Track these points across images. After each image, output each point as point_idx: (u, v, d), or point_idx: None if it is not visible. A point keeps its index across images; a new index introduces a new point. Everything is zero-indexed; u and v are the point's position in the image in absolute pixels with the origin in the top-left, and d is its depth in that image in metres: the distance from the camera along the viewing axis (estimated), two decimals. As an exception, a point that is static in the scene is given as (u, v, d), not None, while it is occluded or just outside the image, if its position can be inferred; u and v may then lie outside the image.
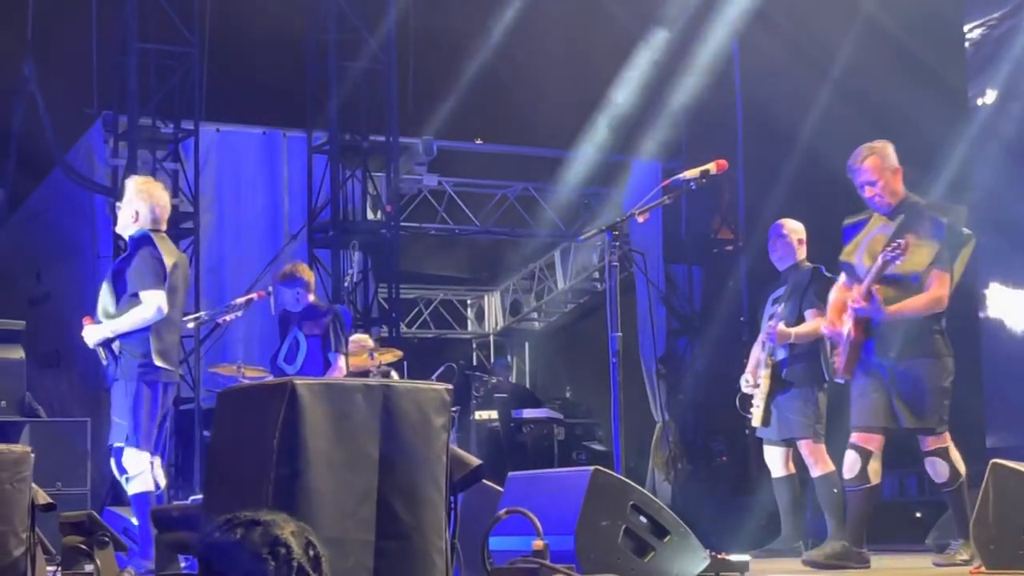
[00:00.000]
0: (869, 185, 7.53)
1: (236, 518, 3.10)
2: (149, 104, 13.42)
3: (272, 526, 3.08)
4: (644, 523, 6.26)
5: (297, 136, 14.77)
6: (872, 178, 7.50)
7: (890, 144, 7.65)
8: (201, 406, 12.91)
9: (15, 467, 5.54)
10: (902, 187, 7.56)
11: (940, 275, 7.32)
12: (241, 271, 14.16)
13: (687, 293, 16.20)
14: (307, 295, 10.29)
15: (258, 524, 3.08)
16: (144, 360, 7.88)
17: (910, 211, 7.48)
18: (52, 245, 14.92)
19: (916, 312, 7.32)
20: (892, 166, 7.53)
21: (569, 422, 15.46)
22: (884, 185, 7.50)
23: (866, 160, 7.52)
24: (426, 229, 16.45)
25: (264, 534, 3.06)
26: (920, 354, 7.35)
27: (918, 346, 7.35)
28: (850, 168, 7.60)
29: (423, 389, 4.93)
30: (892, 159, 7.56)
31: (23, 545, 5.48)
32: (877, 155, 7.53)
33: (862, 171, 7.54)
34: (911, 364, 7.34)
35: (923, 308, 7.31)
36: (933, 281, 7.32)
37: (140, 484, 7.84)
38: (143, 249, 8.00)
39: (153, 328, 7.89)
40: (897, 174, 7.54)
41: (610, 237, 7.37)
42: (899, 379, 7.35)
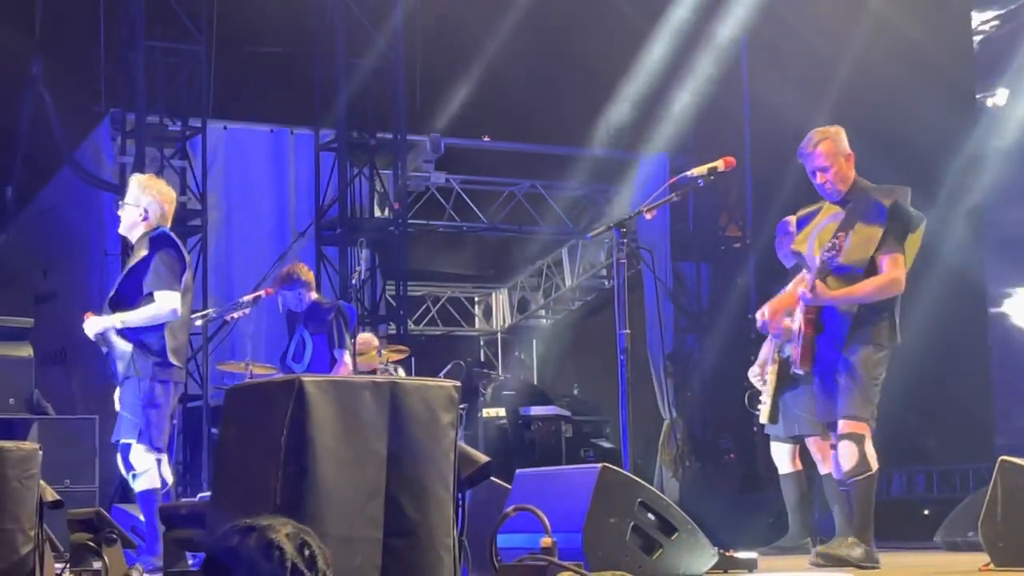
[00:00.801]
0: (821, 171, 7.25)
1: (235, 526, 3.13)
2: (157, 102, 13.44)
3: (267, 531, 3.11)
4: (652, 520, 6.25)
5: (304, 134, 14.79)
6: (824, 164, 7.22)
7: (842, 129, 7.37)
8: (209, 403, 12.93)
9: (23, 464, 5.55)
10: (853, 173, 7.29)
11: (890, 258, 7.06)
12: (249, 268, 14.18)
13: (695, 290, 16.20)
14: (309, 294, 10.30)
15: (253, 530, 3.10)
16: (159, 359, 7.84)
17: (857, 198, 7.22)
18: (59, 243, 14.94)
19: (867, 296, 7.06)
20: (845, 151, 7.26)
21: (577, 419, 15.46)
22: (836, 172, 7.22)
23: (819, 145, 7.24)
24: (434, 226, 16.44)
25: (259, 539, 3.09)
26: (860, 341, 7.08)
27: (861, 332, 7.08)
28: (801, 153, 7.32)
29: (431, 386, 4.93)
30: (845, 144, 7.28)
31: (31, 542, 5.50)
32: (830, 140, 7.25)
33: (814, 156, 7.26)
34: (852, 352, 7.07)
35: (874, 291, 7.05)
36: (884, 265, 7.06)
37: (147, 481, 7.80)
38: (164, 250, 7.92)
39: (168, 327, 7.86)
40: (850, 160, 7.27)
41: (618, 234, 7.35)
42: (843, 368, 7.09)
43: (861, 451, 7.01)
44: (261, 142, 14.76)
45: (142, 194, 8.07)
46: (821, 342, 7.18)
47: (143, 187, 8.13)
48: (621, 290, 7.26)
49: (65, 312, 14.67)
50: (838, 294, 7.09)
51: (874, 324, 7.10)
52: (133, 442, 7.81)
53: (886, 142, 12.06)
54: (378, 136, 14.56)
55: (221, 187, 14.27)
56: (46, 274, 15.53)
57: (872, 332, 7.10)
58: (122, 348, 7.90)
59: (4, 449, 5.52)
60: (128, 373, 7.86)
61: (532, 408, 15.33)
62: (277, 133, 14.82)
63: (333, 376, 7.90)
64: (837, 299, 7.10)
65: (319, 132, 14.66)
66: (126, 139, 13.47)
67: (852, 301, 7.09)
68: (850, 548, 7.05)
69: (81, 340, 8.44)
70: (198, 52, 13.58)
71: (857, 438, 7.03)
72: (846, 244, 7.09)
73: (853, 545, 7.05)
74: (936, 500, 12.68)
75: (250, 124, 14.71)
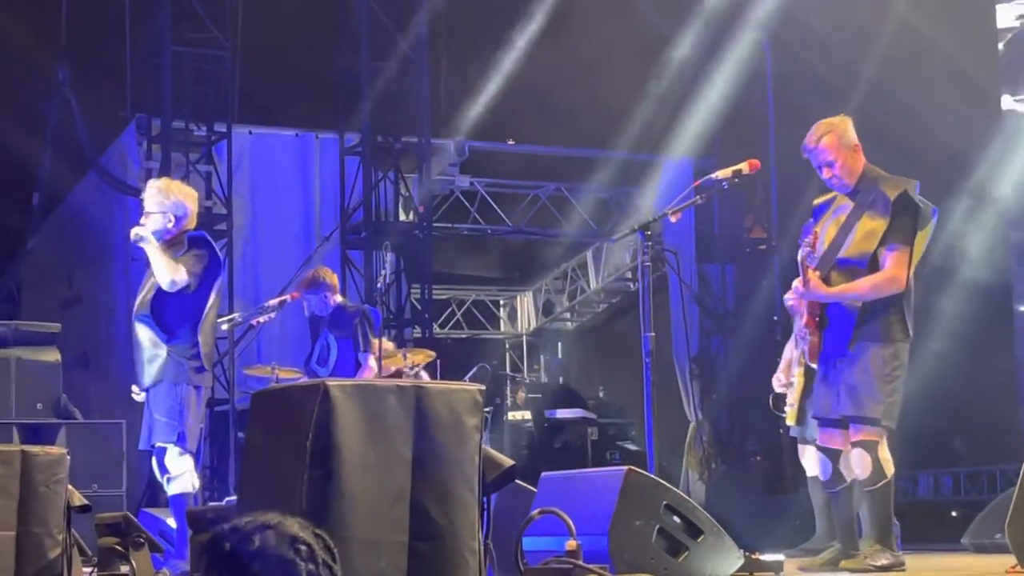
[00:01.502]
0: (827, 166, 7.12)
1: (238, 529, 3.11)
2: (182, 107, 13.48)
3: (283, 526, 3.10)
4: (678, 523, 6.25)
5: (329, 138, 14.82)
6: (829, 158, 7.10)
7: (848, 119, 7.22)
8: (236, 407, 12.96)
9: (51, 469, 5.58)
10: (862, 164, 7.14)
11: (894, 255, 6.90)
12: (274, 273, 14.20)
13: (720, 292, 16.18)
14: (333, 297, 10.32)
15: (268, 528, 3.09)
16: (195, 364, 7.83)
17: (866, 189, 7.07)
18: (85, 248, 15.00)
19: (863, 294, 6.91)
20: (850, 142, 7.11)
21: (602, 422, 15.47)
22: (842, 165, 7.09)
23: (822, 139, 7.11)
24: (458, 230, 16.46)
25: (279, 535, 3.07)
26: (869, 338, 6.94)
27: (869, 330, 6.94)
28: (805, 149, 7.18)
29: (455, 390, 4.94)
30: (850, 135, 7.13)
31: (59, 546, 5.52)
32: (834, 132, 7.11)
33: (818, 151, 7.13)
34: (859, 349, 6.93)
35: (870, 288, 6.90)
36: (886, 260, 6.91)
37: (180, 485, 7.80)
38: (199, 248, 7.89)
39: (202, 332, 7.84)
40: (857, 150, 7.13)
41: (642, 237, 7.34)
42: (847, 366, 6.96)
43: (875, 458, 6.94)
44: (286, 146, 14.79)
45: (165, 199, 7.99)
46: (827, 337, 7.08)
47: (167, 191, 8.05)
48: (646, 293, 7.26)
49: (89, 317, 14.75)
50: (833, 291, 6.99)
51: (881, 320, 6.96)
52: (169, 446, 7.80)
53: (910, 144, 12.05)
54: (403, 140, 14.58)
55: (247, 192, 14.30)
56: (72, 279, 15.60)
57: (880, 328, 6.96)
58: (153, 351, 7.88)
59: (31, 454, 5.55)
60: (161, 377, 7.84)
61: (558, 411, 15.35)
62: (302, 137, 14.85)
63: (358, 380, 7.93)
64: (830, 296, 7.01)
65: (344, 136, 14.68)
66: (152, 144, 13.51)
67: (847, 299, 6.98)
68: (874, 556, 7.01)
69: (105, 345, 8.47)
70: (223, 57, 13.62)
71: (870, 445, 6.94)
72: (850, 237, 7.03)
73: (877, 552, 7.01)
74: (963, 502, 12.67)
75: (275, 129, 14.74)
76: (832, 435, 7.16)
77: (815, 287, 7.00)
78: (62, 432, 10.27)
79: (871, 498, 7.05)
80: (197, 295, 7.88)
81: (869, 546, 7.08)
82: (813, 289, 7.01)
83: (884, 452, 6.98)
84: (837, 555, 7.40)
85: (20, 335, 10.58)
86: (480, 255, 17.92)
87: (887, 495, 7.03)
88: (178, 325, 7.86)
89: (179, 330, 7.85)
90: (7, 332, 10.55)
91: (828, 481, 7.29)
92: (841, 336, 7.02)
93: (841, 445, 7.12)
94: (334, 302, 10.30)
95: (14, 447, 5.68)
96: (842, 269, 7.03)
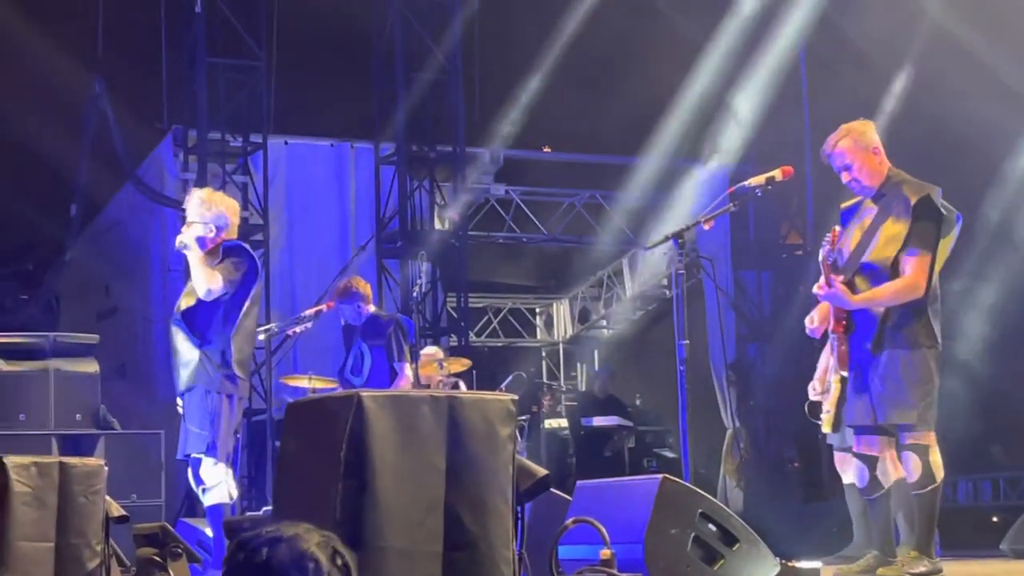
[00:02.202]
0: (845, 170, 7.06)
1: (258, 537, 3.11)
2: (218, 118, 13.54)
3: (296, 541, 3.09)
4: (713, 531, 6.24)
5: (365, 147, 14.86)
6: (846, 162, 7.03)
7: (869, 123, 7.18)
8: (273, 417, 13.00)
9: (89, 480, 5.62)
10: (885, 167, 7.07)
11: (914, 260, 6.81)
12: (310, 282, 14.25)
13: (756, 299, 16.15)
14: (367, 307, 10.31)
15: (281, 541, 3.09)
16: (226, 371, 7.83)
17: (890, 192, 7.00)
18: (122, 259, 15.08)
19: (885, 301, 6.85)
20: (869, 145, 7.04)
21: (639, 429, 15.45)
22: (860, 168, 7.01)
23: (839, 144, 7.05)
24: (494, 238, 16.47)
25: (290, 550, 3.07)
26: (895, 345, 6.86)
27: (894, 337, 6.87)
28: (823, 153, 7.14)
29: (488, 400, 4.95)
30: (868, 138, 7.06)
31: (98, 557, 5.56)
32: (851, 136, 7.05)
33: (835, 155, 7.07)
34: (885, 355, 6.87)
35: (891, 296, 6.83)
36: (907, 267, 6.84)
37: (217, 495, 7.80)
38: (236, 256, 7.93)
39: (235, 339, 7.86)
40: (877, 154, 7.05)
41: (676, 244, 7.34)
42: (875, 372, 6.90)
43: (925, 462, 6.88)
44: (322, 156, 14.84)
45: (208, 210, 8.03)
46: (853, 341, 7.03)
47: (209, 201, 8.09)
48: (680, 300, 7.25)
49: (125, 328, 14.81)
50: (856, 299, 6.93)
51: (906, 327, 6.89)
52: (203, 456, 7.81)
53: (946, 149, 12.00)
54: (437, 149, 14.60)
55: (283, 202, 14.35)
56: (108, 290, 15.68)
57: (906, 335, 6.89)
58: (187, 356, 7.91)
59: (70, 465, 5.59)
60: (193, 382, 7.86)
61: (594, 419, 15.33)
62: (337, 147, 14.89)
63: (392, 391, 7.95)
64: (854, 305, 6.95)
65: (379, 146, 14.72)
66: (188, 155, 13.58)
67: (870, 305, 6.92)
68: (912, 564, 6.98)
69: (143, 355, 8.51)
70: (259, 68, 13.67)
71: (921, 449, 6.89)
72: (873, 241, 6.99)
73: (915, 560, 6.97)
74: (1003, 507, 12.59)
75: (311, 139, 14.79)
76: (869, 442, 7.11)
77: (840, 295, 6.97)
78: (101, 443, 10.30)
79: (918, 502, 7.00)
80: (231, 302, 7.90)
81: (907, 553, 7.04)
82: (837, 296, 6.98)
83: (935, 456, 6.92)
84: (874, 562, 7.35)
85: (58, 346, 10.61)
86: (516, 263, 17.93)
87: (934, 500, 6.97)
88: (209, 330, 7.87)
89: (210, 335, 7.86)
90: (46, 343, 10.59)
91: (865, 488, 7.25)
92: (866, 339, 6.96)
93: (878, 452, 7.08)
94: (367, 311, 10.30)
95: (52, 458, 5.73)
96: (865, 273, 6.97)
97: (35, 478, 5.47)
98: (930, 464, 6.90)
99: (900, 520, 8.08)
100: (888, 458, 7.06)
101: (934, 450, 6.94)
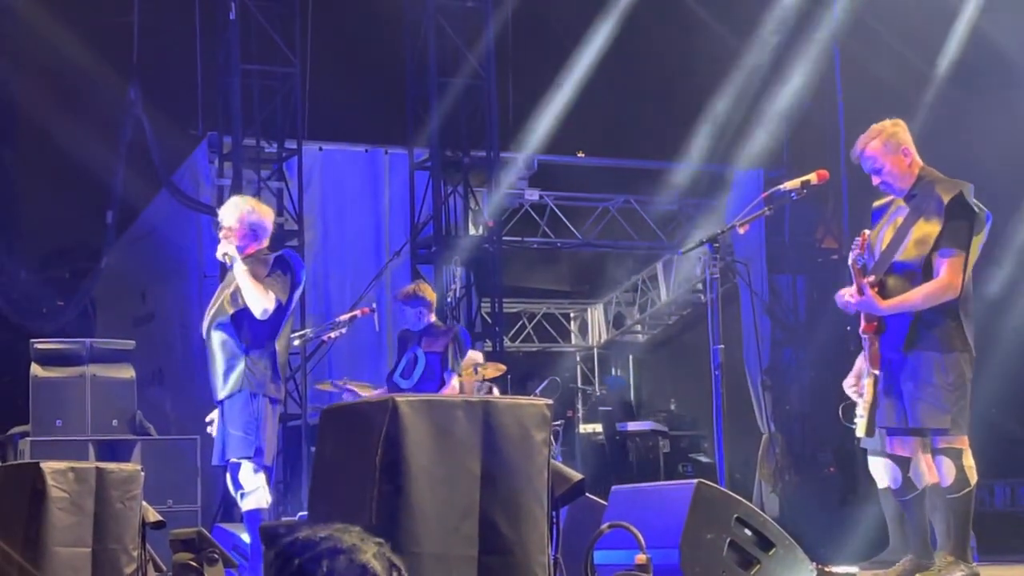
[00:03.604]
0: (875, 173, 7.07)
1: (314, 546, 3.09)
2: (253, 124, 13.59)
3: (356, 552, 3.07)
4: (749, 536, 6.22)
5: (399, 153, 14.87)
6: (876, 165, 7.03)
7: (900, 123, 7.13)
8: (308, 423, 13.02)
9: (125, 485, 5.65)
10: (916, 167, 7.05)
11: (948, 260, 6.77)
12: (345, 288, 14.28)
13: (791, 303, 16.10)
14: (429, 315, 10.31)
15: (340, 552, 3.07)
16: (270, 376, 7.82)
17: (922, 192, 6.97)
18: (158, 266, 15.15)
19: (917, 304, 6.82)
20: (899, 146, 7.02)
21: (674, 434, 15.43)
22: (890, 169, 7.01)
23: (868, 146, 7.05)
24: (528, 243, 16.46)
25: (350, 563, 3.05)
26: (927, 347, 6.83)
27: (926, 339, 6.84)
28: (854, 155, 7.13)
29: (523, 404, 4.95)
30: (899, 138, 7.03)
31: (134, 562, 5.59)
32: (879, 137, 7.04)
33: (864, 158, 7.08)
34: (917, 357, 6.84)
35: (923, 299, 6.80)
36: (940, 267, 6.79)
37: (255, 500, 7.77)
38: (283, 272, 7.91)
39: (275, 346, 7.89)
40: (908, 154, 7.03)
41: (711, 249, 7.33)
42: (907, 374, 6.87)
43: (959, 466, 6.85)
44: (356, 162, 14.87)
45: (246, 216, 8.04)
46: (884, 343, 6.99)
47: (248, 209, 8.10)
48: (715, 305, 7.24)
49: (162, 334, 14.87)
50: (887, 304, 6.89)
51: (938, 329, 6.86)
52: (244, 461, 7.78)
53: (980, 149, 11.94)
54: (471, 154, 14.61)
55: (317, 207, 14.38)
56: (145, 296, 15.75)
57: (938, 338, 6.86)
58: (230, 361, 7.89)
59: (106, 471, 5.62)
60: (238, 387, 7.83)
61: (629, 424, 15.31)
62: (372, 153, 14.92)
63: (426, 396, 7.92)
64: (885, 310, 6.91)
65: (413, 151, 14.73)
66: (223, 162, 13.62)
67: (903, 309, 6.89)
68: (948, 569, 6.93)
69: (178, 361, 8.53)
70: (293, 75, 13.70)
71: (954, 453, 6.87)
72: (905, 241, 6.96)
73: (951, 565, 6.93)
74: (1041, 512, 12.51)
75: (345, 145, 14.82)
76: (901, 443, 7.08)
77: (871, 303, 6.92)
78: (137, 448, 10.36)
79: (952, 506, 6.96)
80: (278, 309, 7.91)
81: (943, 558, 7.00)
82: (868, 304, 6.93)
83: (968, 460, 6.89)
84: (911, 567, 7.32)
85: (95, 352, 10.69)
86: (550, 268, 17.92)
87: (968, 504, 6.94)
88: (259, 334, 7.87)
89: (257, 339, 7.85)
90: (82, 349, 10.66)
91: (898, 490, 7.22)
92: (898, 340, 6.93)
93: (910, 453, 7.04)
94: (428, 319, 10.31)
95: (89, 464, 5.76)
96: (898, 273, 6.95)
97: (72, 484, 5.50)
98: (964, 468, 6.87)
99: (936, 524, 8.03)
100: (922, 460, 7.03)
101: (967, 454, 6.90)
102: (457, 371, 10.11)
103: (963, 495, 6.90)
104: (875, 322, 7.00)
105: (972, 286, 7.00)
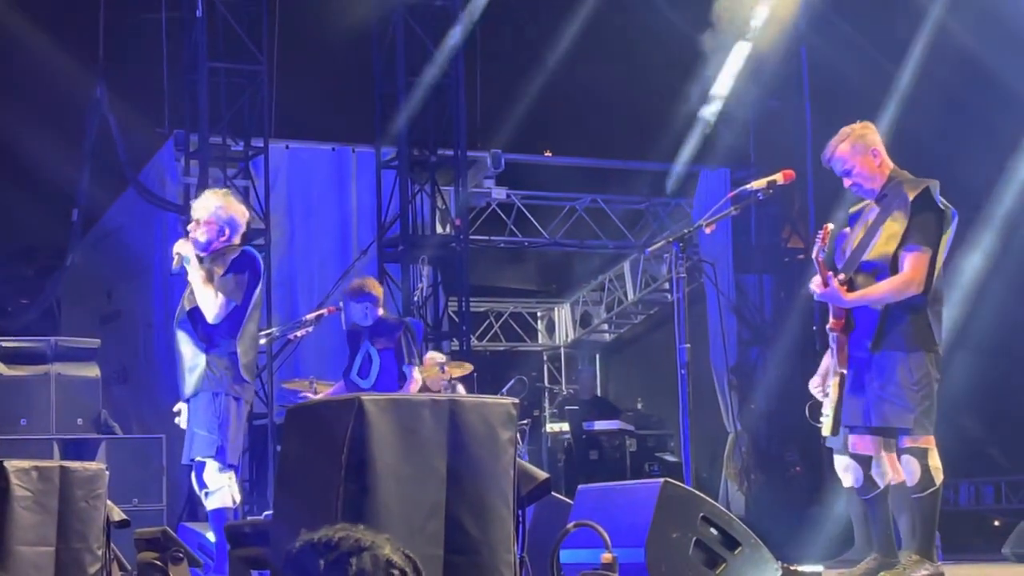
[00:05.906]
0: (845, 175, 7.06)
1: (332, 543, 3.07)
2: (219, 122, 13.55)
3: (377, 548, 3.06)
4: (715, 535, 6.24)
5: (366, 152, 14.85)
6: (846, 167, 7.03)
7: (869, 125, 7.14)
8: (274, 422, 12.99)
9: (90, 484, 5.62)
10: (887, 168, 7.05)
11: (912, 255, 6.78)
12: (312, 287, 14.26)
13: (758, 303, 16.14)
14: (376, 309, 10.24)
15: (363, 549, 3.06)
16: (234, 374, 7.78)
17: (892, 192, 6.98)
18: (123, 264, 15.10)
19: (880, 298, 6.82)
20: (866, 148, 7.02)
21: (641, 433, 15.44)
22: (859, 171, 7.01)
23: (837, 148, 7.05)
24: (495, 242, 16.45)
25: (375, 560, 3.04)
26: (894, 346, 6.84)
27: (893, 337, 6.84)
28: (824, 160, 7.14)
29: (489, 403, 4.95)
30: (866, 140, 7.04)
31: (99, 561, 5.56)
32: (848, 140, 7.04)
33: (834, 161, 7.08)
34: (884, 356, 6.84)
35: (887, 292, 6.80)
36: (905, 263, 6.80)
37: (219, 499, 7.75)
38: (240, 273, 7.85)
39: (240, 344, 7.82)
40: (876, 156, 7.03)
41: (677, 248, 7.34)
42: (873, 373, 6.87)
43: (924, 465, 6.86)
44: (323, 161, 14.84)
45: (220, 210, 8.00)
46: (852, 340, 6.99)
47: (223, 203, 8.06)
48: (681, 304, 7.26)
49: (128, 332, 14.82)
50: (852, 297, 6.89)
51: (904, 327, 6.86)
52: (209, 460, 7.75)
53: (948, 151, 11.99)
54: (439, 153, 14.59)
55: (284, 206, 14.36)
56: (111, 295, 15.69)
57: (904, 337, 6.86)
58: (193, 360, 7.87)
59: (71, 470, 5.59)
60: (200, 387, 7.80)
61: (596, 423, 15.33)
62: (339, 152, 14.89)
63: (392, 395, 7.92)
64: (850, 302, 6.91)
65: (380, 150, 14.71)
66: (189, 160, 13.58)
67: (866, 302, 6.89)
68: (913, 567, 6.95)
69: (144, 360, 8.50)
70: (260, 73, 13.67)
71: (919, 452, 6.87)
72: (874, 240, 6.98)
73: (916, 564, 6.95)
74: (1005, 511, 12.58)
75: (312, 143, 14.79)
76: (863, 441, 7.10)
77: (836, 294, 6.94)
78: (102, 447, 10.32)
79: (918, 505, 6.96)
80: (236, 307, 7.88)
81: (908, 557, 7.02)
82: (833, 295, 6.95)
83: (934, 460, 6.89)
84: (875, 566, 7.33)
85: (60, 351, 10.64)
86: (517, 267, 17.93)
87: (934, 504, 6.95)
88: (215, 334, 7.83)
89: (216, 339, 7.82)
90: (47, 348, 10.62)
91: (861, 488, 7.22)
92: (865, 338, 6.93)
93: (872, 451, 7.06)
94: (376, 314, 10.24)
95: (53, 463, 5.73)
96: (866, 272, 6.95)
97: (36, 482, 5.47)
98: (929, 468, 6.88)
99: (901, 524, 8.06)
100: (884, 458, 7.05)
101: (933, 453, 6.91)
102: (415, 363, 10.03)
103: (928, 495, 6.91)
104: (843, 319, 7.00)
105: (943, 286, 7.02)
